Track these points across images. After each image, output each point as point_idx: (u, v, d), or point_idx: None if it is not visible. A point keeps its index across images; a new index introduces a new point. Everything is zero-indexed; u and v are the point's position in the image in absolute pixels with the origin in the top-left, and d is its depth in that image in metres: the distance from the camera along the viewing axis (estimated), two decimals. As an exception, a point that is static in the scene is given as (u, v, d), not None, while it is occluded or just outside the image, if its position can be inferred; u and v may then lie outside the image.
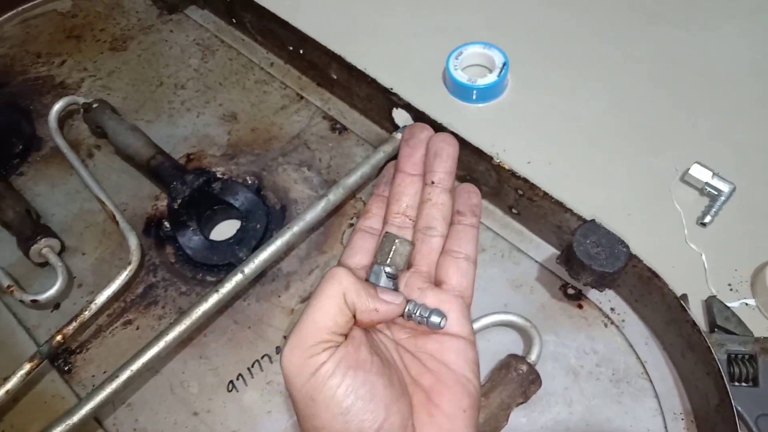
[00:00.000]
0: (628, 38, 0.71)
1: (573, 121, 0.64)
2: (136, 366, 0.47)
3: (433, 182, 0.49)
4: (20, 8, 0.80)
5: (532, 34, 0.72)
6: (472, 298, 0.46)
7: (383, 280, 0.43)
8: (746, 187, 0.57)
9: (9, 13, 0.79)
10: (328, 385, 0.34)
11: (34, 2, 0.80)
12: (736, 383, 0.48)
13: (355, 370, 0.35)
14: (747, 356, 0.48)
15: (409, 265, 0.46)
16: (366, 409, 0.35)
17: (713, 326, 0.50)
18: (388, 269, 0.43)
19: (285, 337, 0.53)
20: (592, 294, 0.53)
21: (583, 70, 0.68)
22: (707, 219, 0.56)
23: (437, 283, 0.45)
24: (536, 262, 0.55)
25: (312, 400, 0.35)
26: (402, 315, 0.41)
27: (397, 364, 0.40)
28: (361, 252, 0.48)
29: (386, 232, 0.46)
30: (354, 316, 0.37)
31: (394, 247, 0.44)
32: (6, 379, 0.49)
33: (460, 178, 0.57)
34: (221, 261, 0.56)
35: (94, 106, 0.64)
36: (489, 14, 0.74)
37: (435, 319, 0.40)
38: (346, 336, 0.37)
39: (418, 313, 0.41)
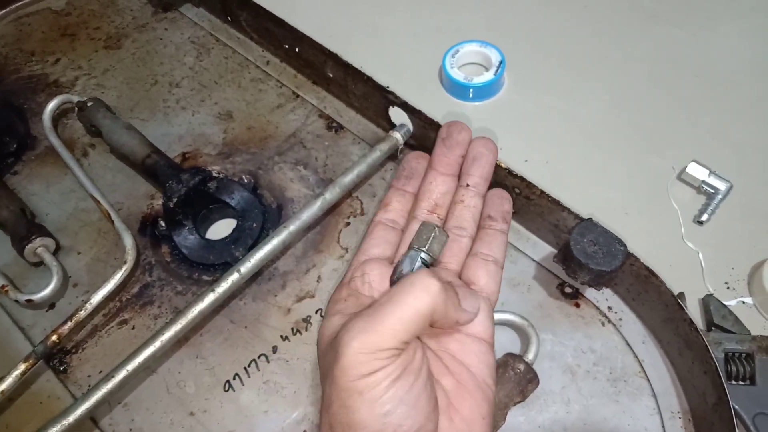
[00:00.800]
0: (626, 37, 0.71)
1: (570, 119, 0.64)
2: (132, 366, 0.47)
3: (468, 185, 0.49)
4: (14, 6, 0.79)
5: (529, 33, 0.72)
6: (497, 303, 0.46)
7: (417, 266, 0.43)
8: (743, 185, 0.57)
9: (2, 11, 0.79)
10: (382, 386, 0.34)
11: (28, 0, 0.80)
12: (734, 382, 0.47)
13: (408, 377, 0.35)
14: (744, 355, 0.48)
15: (437, 262, 0.47)
16: (407, 415, 0.34)
17: (710, 325, 0.50)
18: (424, 255, 0.44)
19: (321, 315, 0.52)
20: (590, 293, 0.53)
21: (580, 69, 0.68)
22: (704, 217, 0.56)
23: (465, 283, 0.45)
24: (533, 260, 0.55)
25: (359, 394, 0.34)
26: None
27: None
28: (383, 244, 0.48)
29: (424, 222, 0.46)
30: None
31: (433, 234, 0.45)
32: (1, 380, 0.49)
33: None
34: (217, 260, 0.56)
35: (89, 104, 0.63)
36: (486, 12, 0.74)
37: None
38: None
39: None
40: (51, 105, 0.64)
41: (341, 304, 0.43)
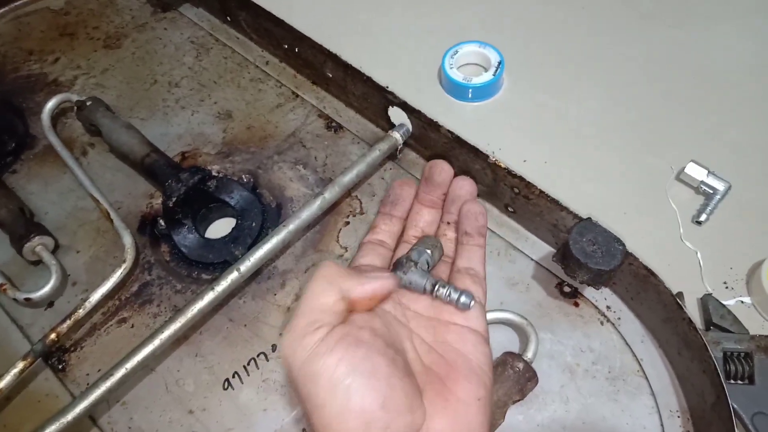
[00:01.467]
0: (624, 37, 0.71)
1: (569, 119, 0.64)
2: (130, 364, 0.47)
3: (449, 222, 0.52)
4: (12, 5, 0.79)
5: (528, 33, 0.72)
6: (486, 300, 0.48)
7: (425, 258, 0.46)
8: (741, 185, 0.57)
9: (1, 10, 0.79)
10: (327, 362, 0.34)
11: (27, -1, 0.80)
12: (732, 381, 0.48)
13: (355, 347, 0.35)
14: (743, 354, 0.48)
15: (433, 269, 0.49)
16: (368, 385, 0.34)
17: (709, 324, 0.50)
18: (429, 253, 0.46)
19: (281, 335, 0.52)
20: (588, 292, 0.53)
21: (578, 69, 0.68)
22: (702, 217, 0.56)
23: None
24: (532, 260, 0.55)
25: (312, 379, 0.34)
26: (408, 288, 0.45)
27: (409, 352, 0.41)
28: (373, 256, 0.50)
29: (425, 235, 0.51)
30: (346, 299, 0.38)
31: (433, 243, 0.48)
32: (-1, 378, 0.49)
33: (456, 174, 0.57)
34: (216, 259, 0.56)
35: (88, 103, 0.63)
36: (484, 13, 0.74)
37: (465, 299, 0.43)
38: (343, 320, 0.37)
39: (447, 293, 0.43)
40: (50, 104, 0.64)
41: None
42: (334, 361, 0.34)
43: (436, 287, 0.44)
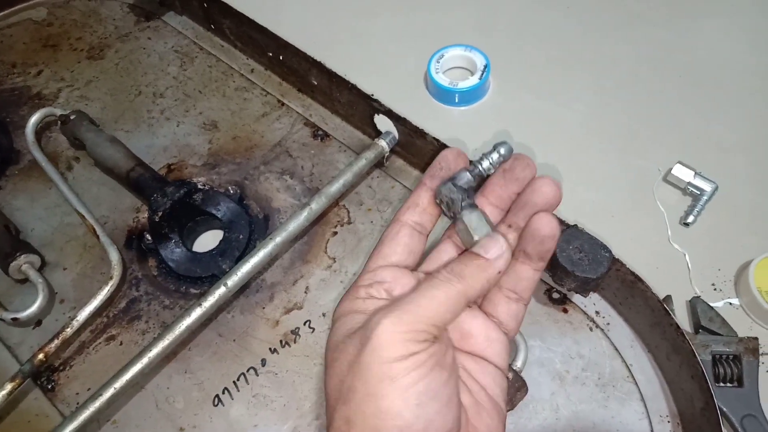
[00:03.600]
0: (610, 39, 0.71)
1: (555, 122, 0.64)
2: (119, 383, 0.47)
3: (510, 225, 0.41)
4: (-6, 17, 0.79)
5: (513, 36, 0.72)
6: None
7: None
8: (728, 186, 0.57)
9: (-18, 23, 0.78)
10: (416, 373, 0.33)
11: (8, 11, 0.79)
12: (722, 384, 0.48)
13: (441, 372, 0.34)
14: (731, 357, 0.48)
15: None
16: (440, 412, 0.33)
17: (698, 327, 0.50)
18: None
19: (335, 307, 0.41)
20: (577, 298, 0.53)
21: (564, 72, 0.68)
22: (690, 219, 0.56)
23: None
24: (521, 266, 0.55)
25: (391, 380, 0.32)
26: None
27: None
28: (405, 251, 0.41)
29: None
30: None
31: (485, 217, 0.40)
32: (-12, 400, 0.48)
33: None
34: (204, 273, 0.56)
35: (72, 117, 0.63)
36: (470, 17, 0.74)
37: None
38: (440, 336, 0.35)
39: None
40: (34, 119, 0.64)
41: (360, 303, 0.38)
42: (422, 373, 0.33)
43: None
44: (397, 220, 0.42)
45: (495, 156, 0.42)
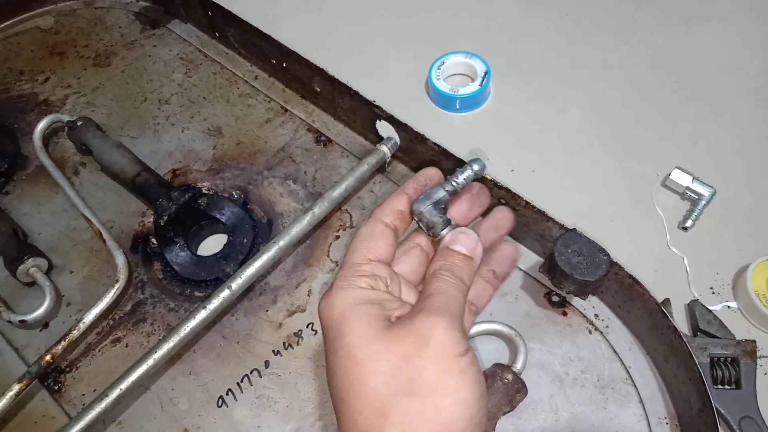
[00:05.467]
0: (608, 45, 0.71)
1: (555, 128, 0.65)
2: (125, 384, 0.48)
3: None
4: (2, 25, 0.80)
5: (513, 43, 0.73)
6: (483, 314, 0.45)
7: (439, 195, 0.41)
8: (726, 190, 0.58)
9: (-9, 31, 0.79)
10: (476, 367, 0.34)
11: (16, 19, 0.80)
12: (720, 386, 0.48)
13: (481, 373, 0.35)
14: (729, 359, 0.49)
15: None
16: (486, 406, 0.35)
17: (696, 330, 0.51)
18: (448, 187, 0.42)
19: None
20: (576, 301, 0.53)
21: (564, 78, 0.69)
22: (688, 223, 0.57)
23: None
24: (520, 270, 0.56)
25: (461, 373, 0.33)
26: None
27: None
28: (391, 250, 0.42)
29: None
30: None
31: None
32: (-5, 401, 0.49)
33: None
34: (209, 276, 0.56)
35: (79, 123, 0.64)
36: (470, 24, 0.75)
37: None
38: None
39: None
40: (41, 125, 0.65)
41: (364, 293, 0.38)
42: (477, 369, 0.34)
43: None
44: (378, 218, 0.42)
45: (468, 172, 0.43)
